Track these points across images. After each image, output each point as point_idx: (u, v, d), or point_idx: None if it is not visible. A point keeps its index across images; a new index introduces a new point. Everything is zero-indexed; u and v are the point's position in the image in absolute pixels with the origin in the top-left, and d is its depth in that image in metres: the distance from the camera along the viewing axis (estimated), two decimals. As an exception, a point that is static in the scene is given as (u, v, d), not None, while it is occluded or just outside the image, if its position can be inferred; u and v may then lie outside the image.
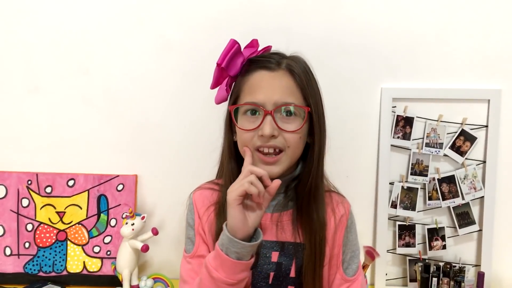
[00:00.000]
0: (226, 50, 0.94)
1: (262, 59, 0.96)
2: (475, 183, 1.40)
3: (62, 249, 1.43)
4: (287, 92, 0.92)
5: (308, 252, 0.95)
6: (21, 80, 1.43)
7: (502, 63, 1.38)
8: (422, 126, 1.40)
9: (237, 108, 0.95)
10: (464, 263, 1.41)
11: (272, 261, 0.96)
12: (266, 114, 0.90)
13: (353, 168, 1.42)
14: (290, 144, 0.92)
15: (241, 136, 0.94)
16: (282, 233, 0.97)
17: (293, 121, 0.92)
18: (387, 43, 1.38)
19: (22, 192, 1.44)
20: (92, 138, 1.45)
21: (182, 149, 1.44)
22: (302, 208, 0.96)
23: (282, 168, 0.93)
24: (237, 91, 0.97)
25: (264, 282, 0.96)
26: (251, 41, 1.02)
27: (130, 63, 1.41)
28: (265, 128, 0.89)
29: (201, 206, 1.01)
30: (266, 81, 0.93)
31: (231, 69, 0.96)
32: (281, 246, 0.97)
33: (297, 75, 0.93)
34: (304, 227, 0.96)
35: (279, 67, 0.94)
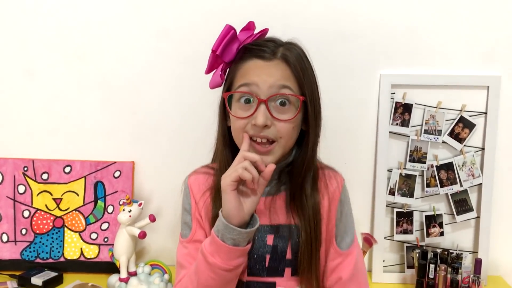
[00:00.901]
0: (221, 36, 0.93)
1: (257, 47, 0.95)
2: (473, 170, 1.40)
3: (59, 235, 1.43)
4: (281, 81, 0.91)
5: (304, 235, 0.96)
6: (17, 66, 1.42)
7: (502, 49, 1.37)
8: (421, 112, 1.40)
9: (231, 95, 0.95)
10: (461, 250, 1.41)
11: (268, 244, 0.97)
12: (260, 103, 0.90)
13: (351, 155, 1.41)
14: (282, 134, 0.92)
15: (234, 123, 0.94)
16: (275, 217, 0.97)
17: (287, 111, 0.92)
18: (386, 29, 1.37)
19: (18, 178, 1.43)
20: (88, 125, 1.44)
21: (179, 135, 1.44)
22: (295, 191, 0.97)
23: (275, 157, 0.93)
24: (231, 78, 0.96)
25: (261, 265, 0.97)
26: (248, 24, 1.01)
27: (126, 49, 1.40)
28: (258, 118, 0.89)
29: (197, 191, 1.02)
30: (259, 70, 0.92)
31: (226, 55, 0.95)
32: (275, 229, 0.97)
33: (292, 64, 0.93)
34: (298, 210, 0.97)
35: (274, 56, 0.93)
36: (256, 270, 0.98)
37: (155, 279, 1.31)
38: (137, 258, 1.40)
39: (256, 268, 0.98)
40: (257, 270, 0.98)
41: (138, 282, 1.30)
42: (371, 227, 1.44)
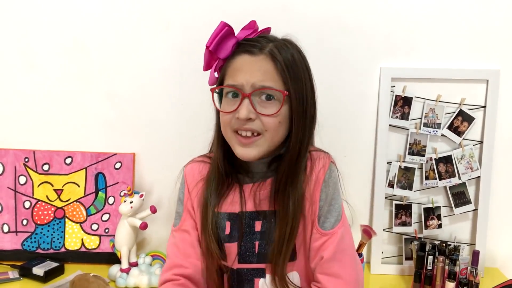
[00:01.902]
0: (216, 32, 0.94)
1: (248, 43, 0.95)
2: (472, 163, 1.42)
3: (60, 226, 1.44)
4: (266, 76, 0.92)
5: (279, 224, 0.95)
6: (17, 57, 1.42)
7: (501, 43, 1.38)
8: (420, 106, 1.40)
9: (221, 90, 0.97)
10: (459, 242, 1.43)
11: (256, 230, 0.99)
12: (243, 97, 0.92)
13: (351, 147, 1.42)
14: (267, 127, 0.92)
15: (221, 118, 0.97)
16: (261, 203, 0.99)
17: (271, 106, 0.92)
18: (387, 22, 1.37)
19: (19, 169, 1.43)
20: (89, 116, 1.44)
21: (179, 127, 1.44)
22: (280, 181, 0.97)
23: (259, 151, 0.94)
24: (222, 74, 0.98)
25: (250, 251, 0.98)
26: (249, 23, 1.00)
27: (127, 41, 1.40)
28: (241, 111, 0.91)
29: (191, 181, 1.04)
30: (246, 65, 0.93)
31: (221, 52, 0.96)
32: (262, 215, 0.99)
33: (278, 60, 0.93)
34: (280, 198, 0.96)
35: (261, 52, 0.93)
36: (247, 257, 0.99)
37: (156, 270, 1.33)
38: (138, 249, 1.41)
39: (246, 255, 0.99)
40: (247, 257, 0.99)
41: (139, 273, 1.32)
42: (370, 219, 1.45)
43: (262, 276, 0.99)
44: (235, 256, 0.99)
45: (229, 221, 1.00)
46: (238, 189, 1.01)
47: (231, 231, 0.99)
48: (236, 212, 0.99)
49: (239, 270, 0.99)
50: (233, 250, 0.99)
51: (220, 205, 1.00)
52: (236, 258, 0.99)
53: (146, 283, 1.30)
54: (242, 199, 0.99)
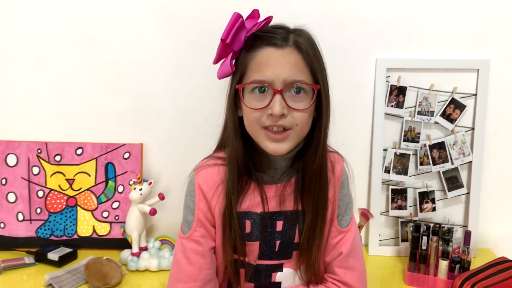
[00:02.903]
0: (230, 24, 0.91)
1: (268, 34, 0.93)
2: (464, 148, 1.48)
3: (72, 214, 1.51)
4: (296, 70, 0.90)
5: (309, 221, 0.98)
6: (29, 53, 1.47)
7: (491, 34, 1.44)
8: (414, 95, 1.46)
9: (244, 86, 0.93)
10: (452, 224, 1.49)
11: (277, 230, 1.00)
12: (275, 93, 0.88)
13: (348, 135, 1.47)
14: (298, 122, 0.91)
15: (249, 115, 0.93)
16: (284, 204, 0.99)
17: (302, 99, 0.91)
18: (382, 15, 1.43)
19: (32, 160, 1.50)
20: (99, 109, 1.50)
21: (185, 118, 1.50)
22: (306, 178, 0.98)
23: (290, 145, 0.93)
24: (243, 68, 0.94)
25: (271, 250, 1.00)
26: (252, 12, 0.99)
27: (134, 35, 1.46)
28: (275, 108, 0.88)
29: (208, 189, 0.99)
30: (274, 58, 0.90)
31: (235, 44, 0.93)
32: (284, 215, 1.00)
33: (305, 51, 0.91)
34: (306, 196, 0.98)
35: (287, 43, 0.91)
36: (267, 255, 1.01)
37: (165, 253, 1.39)
38: (147, 234, 1.48)
39: (267, 253, 1.00)
40: (268, 255, 1.01)
41: (149, 256, 1.38)
42: (368, 203, 1.52)
43: (279, 270, 1.02)
44: (257, 253, 1.00)
45: (249, 220, 0.99)
46: (258, 188, 0.99)
47: (252, 229, 0.99)
48: (257, 212, 0.99)
49: (258, 266, 1.01)
50: (255, 248, 1.00)
51: (240, 204, 0.98)
52: (257, 256, 1.00)
53: (156, 265, 1.37)
54: (264, 199, 0.98)
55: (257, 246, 0.99)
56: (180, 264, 1.00)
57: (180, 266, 0.99)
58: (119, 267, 1.31)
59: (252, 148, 0.98)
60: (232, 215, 0.96)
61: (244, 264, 1.00)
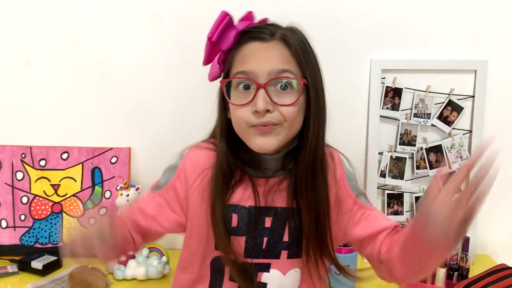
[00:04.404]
0: (217, 23, 0.89)
1: (255, 30, 0.91)
2: (462, 152, 1.45)
3: (57, 221, 1.46)
4: (281, 63, 0.87)
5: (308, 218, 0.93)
6: (13, 53, 1.44)
7: (489, 33, 1.41)
8: (410, 97, 1.43)
9: (229, 83, 0.90)
10: (450, 230, 1.46)
11: (266, 226, 0.95)
12: (258, 88, 0.85)
13: (343, 138, 1.42)
14: (287, 117, 0.87)
15: (234, 112, 0.90)
16: (275, 200, 0.95)
17: (288, 95, 0.87)
18: (377, 15, 1.41)
19: (16, 165, 1.46)
20: (85, 111, 1.47)
21: (174, 121, 1.47)
22: (299, 178, 0.93)
23: (279, 140, 0.89)
24: (228, 65, 0.92)
25: (258, 247, 0.96)
26: (247, 14, 0.96)
27: (122, 36, 1.43)
28: (259, 103, 0.85)
29: (193, 172, 0.97)
30: (258, 51, 0.88)
31: (223, 43, 0.91)
32: (274, 212, 0.95)
33: (292, 45, 0.88)
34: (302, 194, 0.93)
35: (273, 37, 0.89)
36: (253, 252, 0.95)
37: (153, 261, 1.35)
38: (135, 242, 1.44)
39: (253, 250, 0.95)
40: (254, 252, 0.95)
41: (136, 264, 1.34)
42: (363, 209, 1.48)
43: (266, 270, 0.96)
44: (242, 249, 0.95)
45: (236, 213, 0.95)
46: (250, 183, 0.95)
47: (239, 224, 0.95)
48: (245, 206, 0.95)
49: (243, 264, 0.95)
50: (239, 244, 0.95)
51: (228, 197, 0.94)
52: (242, 253, 0.95)
53: (143, 274, 1.33)
54: (256, 194, 0.94)
55: (243, 242, 0.94)
56: (146, 201, 1.02)
57: (145, 202, 1.01)
58: (104, 276, 1.27)
59: (242, 147, 0.94)
60: (215, 207, 0.92)
61: (228, 262, 0.94)
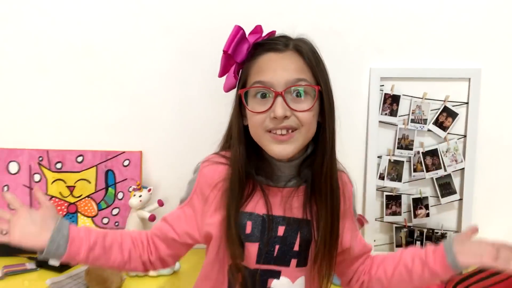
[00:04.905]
0: (232, 36, 0.94)
1: (269, 41, 0.96)
2: (457, 156, 1.51)
3: (73, 220, 1.54)
4: (297, 72, 0.92)
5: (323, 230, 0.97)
6: (31, 63, 1.51)
7: (482, 43, 1.48)
8: (408, 103, 1.50)
9: (247, 92, 0.94)
10: (446, 230, 1.53)
11: (278, 235, 0.98)
12: (276, 96, 0.90)
13: (344, 143, 1.48)
14: (303, 123, 0.92)
15: (252, 118, 0.94)
16: (289, 209, 0.98)
17: (304, 101, 0.92)
18: (375, 26, 1.47)
19: (34, 168, 1.53)
20: (99, 117, 1.54)
21: (184, 126, 1.53)
22: (317, 187, 0.97)
23: (296, 146, 0.93)
24: (245, 75, 0.96)
25: (270, 254, 0.98)
26: (255, 27, 1.01)
27: (132, 45, 1.50)
28: (277, 110, 0.89)
29: (208, 185, 0.99)
30: (274, 62, 0.93)
31: (238, 56, 0.96)
32: (287, 221, 0.98)
33: (305, 54, 0.93)
34: (317, 205, 0.98)
35: (287, 48, 0.94)
36: (265, 258, 0.98)
37: (164, 259, 1.42)
38: (147, 240, 1.51)
39: (265, 257, 0.98)
40: (265, 258, 0.98)
41: (148, 262, 1.41)
42: (363, 209, 1.55)
43: (276, 277, 0.99)
44: (254, 256, 0.98)
45: (250, 221, 0.97)
46: (261, 191, 0.98)
47: (252, 230, 0.97)
48: (260, 214, 0.97)
49: (255, 270, 0.98)
50: (252, 250, 0.97)
51: (243, 205, 0.97)
52: (254, 259, 0.98)
53: (155, 271, 1.40)
54: (268, 202, 0.97)
55: (256, 248, 0.97)
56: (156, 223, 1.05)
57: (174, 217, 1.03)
58: (119, 272, 1.34)
59: (256, 154, 0.98)
60: (230, 215, 0.95)
61: (241, 269, 0.97)
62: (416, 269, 0.98)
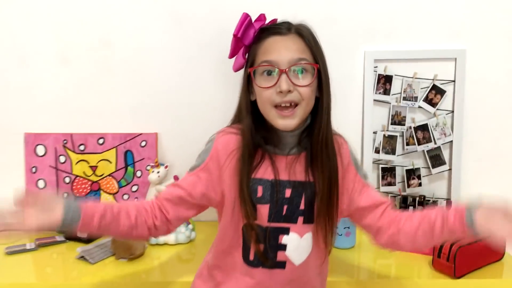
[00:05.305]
0: (240, 22, 1.07)
1: (273, 26, 1.09)
2: (445, 129, 1.64)
3: (96, 197, 1.67)
4: (298, 52, 1.04)
5: (321, 190, 1.07)
6: (54, 54, 1.63)
7: (466, 27, 1.60)
8: (399, 82, 1.62)
9: (255, 70, 1.06)
10: (437, 198, 1.66)
11: (286, 196, 1.08)
12: (281, 73, 1.02)
13: (342, 120, 1.57)
14: (304, 97, 1.03)
15: (260, 94, 1.05)
16: (293, 174, 1.09)
17: (304, 78, 1.04)
18: (368, 12, 1.60)
19: (59, 150, 1.66)
20: (117, 103, 1.66)
21: (195, 110, 1.66)
22: (315, 153, 1.08)
23: (298, 120, 1.05)
24: (252, 56, 1.08)
25: (279, 213, 1.08)
26: (259, 16, 1.12)
27: (147, 36, 1.62)
28: (282, 85, 1.01)
29: (224, 152, 1.09)
30: (278, 43, 1.05)
31: (245, 39, 1.08)
32: (293, 184, 1.08)
33: (306, 37, 1.06)
34: (317, 169, 1.08)
35: (289, 31, 1.06)
36: (275, 217, 1.08)
37: (181, 228, 1.55)
38: (164, 213, 1.64)
39: (275, 216, 1.08)
40: (276, 217, 1.08)
41: (167, 231, 1.55)
42: (361, 181, 1.68)
43: (286, 233, 1.09)
44: (266, 216, 1.07)
45: (261, 185, 1.07)
46: (269, 159, 1.08)
47: (263, 193, 1.07)
48: (268, 179, 1.08)
49: (268, 227, 1.08)
50: (264, 211, 1.07)
51: (254, 172, 1.08)
52: (266, 218, 1.08)
53: (174, 239, 1.53)
54: (275, 168, 1.08)
55: (267, 209, 1.07)
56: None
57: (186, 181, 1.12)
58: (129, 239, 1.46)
59: (263, 126, 1.09)
60: (243, 181, 1.05)
61: (255, 227, 1.07)
62: (437, 225, 1.03)
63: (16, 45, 1.63)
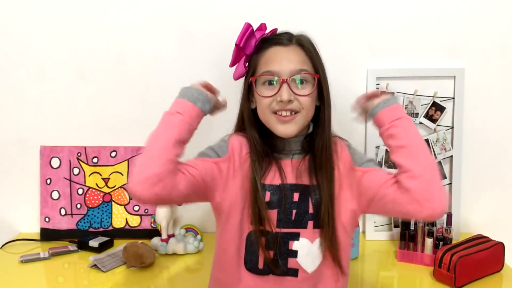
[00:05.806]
0: (243, 32, 1.09)
1: (275, 37, 1.12)
2: (445, 145, 1.69)
3: (108, 208, 1.73)
4: (299, 63, 1.08)
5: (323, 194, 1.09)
6: (71, 70, 1.70)
7: (465, 46, 1.66)
8: (401, 99, 1.67)
9: (256, 79, 1.09)
10: (438, 211, 1.70)
11: (294, 201, 1.09)
12: (282, 82, 1.05)
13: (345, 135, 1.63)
14: (304, 106, 1.07)
15: (261, 102, 1.09)
16: (300, 178, 1.11)
17: (305, 87, 1.07)
18: (371, 31, 1.66)
19: (73, 162, 1.72)
20: (130, 117, 1.72)
21: (203, 124, 1.71)
22: (316, 158, 1.11)
23: (298, 127, 1.08)
24: (254, 66, 1.11)
25: (288, 218, 1.09)
26: (260, 25, 1.15)
27: (159, 53, 1.68)
28: (283, 94, 1.05)
29: (240, 151, 1.11)
30: (280, 54, 1.08)
31: (247, 48, 1.11)
32: (300, 188, 1.10)
33: (306, 48, 1.10)
34: (318, 172, 1.10)
35: (291, 42, 1.10)
36: (285, 222, 1.09)
37: (189, 239, 1.61)
38: (174, 224, 1.68)
39: (285, 221, 1.08)
40: (285, 222, 1.09)
41: (176, 241, 1.59)
42: (364, 194, 1.73)
43: (296, 239, 1.09)
44: (275, 221, 1.08)
45: (269, 191, 1.09)
46: (276, 165, 1.11)
47: (271, 199, 1.09)
48: (277, 184, 1.10)
49: (277, 234, 1.08)
50: (273, 216, 1.08)
51: (263, 178, 1.10)
52: (275, 223, 1.08)
53: (182, 249, 1.58)
54: (282, 173, 1.10)
55: (275, 214, 1.08)
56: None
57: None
58: (152, 249, 1.52)
59: (267, 134, 1.12)
60: (257, 187, 1.07)
61: (264, 233, 1.07)
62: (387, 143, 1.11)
63: (34, 59, 1.70)
